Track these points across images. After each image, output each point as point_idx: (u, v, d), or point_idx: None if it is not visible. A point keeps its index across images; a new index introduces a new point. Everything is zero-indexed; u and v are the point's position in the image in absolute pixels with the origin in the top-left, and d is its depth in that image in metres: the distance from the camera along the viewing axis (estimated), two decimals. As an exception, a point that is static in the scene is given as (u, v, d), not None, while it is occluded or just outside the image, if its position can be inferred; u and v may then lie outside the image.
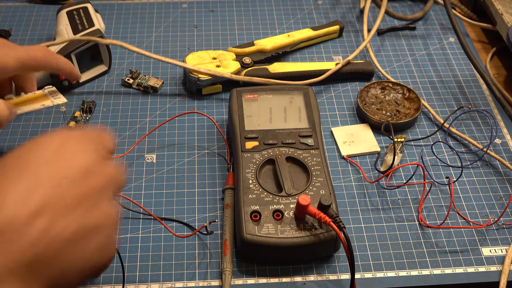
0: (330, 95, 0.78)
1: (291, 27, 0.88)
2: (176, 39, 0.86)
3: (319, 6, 0.93)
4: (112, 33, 0.86)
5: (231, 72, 0.76)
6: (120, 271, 0.58)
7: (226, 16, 0.90)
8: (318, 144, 0.66)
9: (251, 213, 0.59)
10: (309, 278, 0.59)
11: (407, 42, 0.87)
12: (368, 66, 0.80)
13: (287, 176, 0.62)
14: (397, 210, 0.65)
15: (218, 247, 0.61)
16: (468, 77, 0.81)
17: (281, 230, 0.58)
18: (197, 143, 0.71)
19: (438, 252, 0.61)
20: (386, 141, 0.72)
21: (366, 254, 0.61)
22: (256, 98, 0.71)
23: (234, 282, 0.58)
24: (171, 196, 0.66)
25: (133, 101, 0.76)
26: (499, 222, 0.64)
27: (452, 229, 0.63)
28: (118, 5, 0.91)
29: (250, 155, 0.64)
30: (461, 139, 0.73)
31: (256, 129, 0.67)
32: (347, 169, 0.69)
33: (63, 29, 0.77)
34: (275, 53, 0.81)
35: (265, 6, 0.92)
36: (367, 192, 0.67)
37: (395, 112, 0.74)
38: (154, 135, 0.72)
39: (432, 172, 0.69)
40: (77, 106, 0.75)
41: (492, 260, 0.61)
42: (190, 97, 0.77)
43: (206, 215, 0.64)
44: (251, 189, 0.61)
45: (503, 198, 0.67)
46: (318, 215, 0.57)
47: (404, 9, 0.93)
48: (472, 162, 0.70)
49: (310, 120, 0.68)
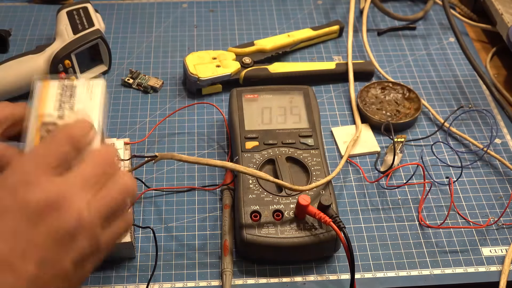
0: (330, 95, 0.78)
1: (291, 27, 0.88)
2: (176, 39, 0.86)
3: (319, 6, 0.93)
4: (112, 33, 0.86)
5: (231, 72, 0.76)
6: (120, 271, 0.59)
7: (226, 16, 0.90)
8: (318, 144, 0.66)
9: (251, 213, 0.59)
10: (309, 278, 0.59)
11: (407, 42, 0.87)
12: (368, 66, 0.80)
13: (287, 176, 0.62)
14: (397, 210, 0.65)
15: (218, 247, 0.61)
16: (468, 77, 0.81)
17: (281, 230, 0.58)
18: (197, 143, 0.72)
19: (438, 252, 0.61)
20: (386, 141, 0.72)
21: (366, 254, 0.61)
22: (256, 98, 0.71)
23: (234, 282, 0.58)
24: (171, 196, 0.66)
25: (133, 101, 0.76)
26: (499, 222, 0.64)
27: (452, 229, 0.63)
28: (118, 5, 0.91)
29: (250, 155, 0.64)
30: (461, 139, 0.73)
31: (256, 129, 0.67)
32: (347, 169, 0.69)
33: (63, 29, 0.77)
34: (275, 53, 0.81)
35: (265, 6, 0.92)
36: (367, 192, 0.67)
37: (395, 112, 0.74)
38: (154, 135, 0.72)
39: (432, 172, 0.69)
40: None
41: (492, 260, 0.61)
42: (190, 97, 0.77)
43: (206, 215, 0.64)
44: (251, 189, 0.61)
45: (503, 198, 0.67)
46: (318, 215, 0.57)
47: (404, 9, 0.93)
48: (472, 162, 0.70)
49: (310, 120, 0.68)
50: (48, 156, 0.45)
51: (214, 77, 0.76)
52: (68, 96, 0.57)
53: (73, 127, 0.47)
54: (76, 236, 0.42)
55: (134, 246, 0.59)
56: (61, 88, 0.58)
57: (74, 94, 0.58)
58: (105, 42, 0.78)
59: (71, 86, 0.58)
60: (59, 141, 0.46)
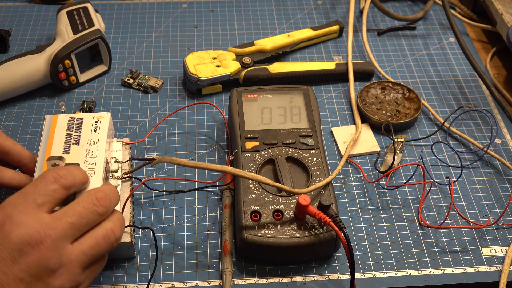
0: (330, 95, 0.78)
1: (291, 27, 0.88)
2: (176, 39, 0.86)
3: (319, 6, 0.93)
4: (112, 33, 0.86)
5: (231, 72, 0.76)
6: (120, 271, 0.59)
7: (226, 16, 0.90)
8: (318, 144, 0.66)
9: (251, 213, 0.59)
10: (309, 278, 0.59)
11: (407, 42, 0.87)
12: (368, 66, 0.80)
13: (287, 176, 0.62)
14: (397, 210, 0.65)
15: (218, 247, 0.61)
16: (468, 77, 0.81)
17: (281, 230, 0.58)
18: (197, 143, 0.72)
19: (438, 252, 0.61)
20: (386, 141, 0.72)
21: (366, 254, 0.61)
22: (256, 98, 0.71)
23: (234, 282, 0.58)
24: (171, 197, 0.66)
25: (133, 101, 0.76)
26: (499, 222, 0.64)
27: (452, 229, 0.63)
28: (118, 5, 0.91)
29: (250, 155, 0.64)
30: (461, 139, 0.73)
31: (256, 129, 0.67)
32: (347, 169, 0.69)
33: (63, 29, 0.77)
34: (275, 53, 0.81)
35: (265, 6, 0.92)
36: (367, 192, 0.67)
37: (395, 112, 0.74)
38: (154, 135, 0.72)
39: (432, 172, 0.69)
40: (77, 106, 0.75)
41: (492, 260, 0.61)
42: (190, 97, 0.77)
43: (206, 215, 0.64)
44: (251, 189, 0.61)
45: (503, 198, 0.67)
46: (318, 215, 0.57)
47: (404, 9, 0.93)
48: (472, 162, 0.70)
49: (310, 120, 0.68)
50: (35, 193, 0.45)
51: (214, 77, 0.76)
52: (74, 130, 0.60)
53: (61, 168, 0.49)
54: (56, 274, 0.43)
55: (134, 246, 0.59)
56: (68, 122, 0.61)
57: (80, 128, 0.61)
58: (105, 42, 0.78)
59: (78, 120, 0.61)
60: (47, 180, 0.47)
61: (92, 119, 0.62)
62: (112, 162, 0.63)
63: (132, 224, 0.60)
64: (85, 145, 0.60)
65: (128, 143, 0.67)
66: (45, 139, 0.60)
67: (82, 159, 0.58)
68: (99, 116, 0.63)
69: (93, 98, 0.76)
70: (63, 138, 0.60)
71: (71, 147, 0.59)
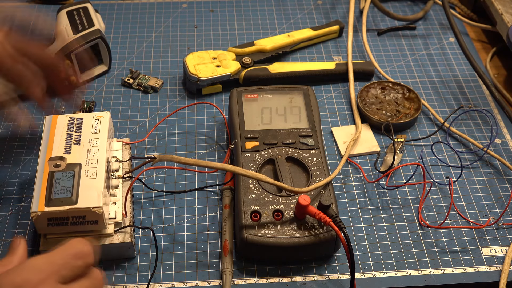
0: (330, 95, 0.78)
1: (291, 27, 0.88)
2: (176, 39, 0.86)
3: (319, 6, 0.93)
4: (112, 33, 0.86)
5: (231, 72, 0.76)
6: (120, 271, 0.59)
7: (226, 16, 0.90)
8: (318, 144, 0.66)
9: (251, 213, 0.59)
10: (309, 278, 0.59)
11: (407, 42, 0.87)
12: (368, 66, 0.80)
13: (287, 176, 0.62)
14: (397, 210, 0.65)
15: (218, 247, 0.61)
16: (468, 77, 0.81)
17: (281, 230, 0.58)
18: (197, 143, 0.72)
19: (438, 252, 0.61)
20: (386, 141, 0.72)
21: (366, 254, 0.61)
22: (256, 98, 0.71)
23: (234, 282, 0.58)
24: (171, 197, 0.66)
25: (133, 101, 0.76)
26: (499, 222, 0.64)
27: (452, 229, 0.63)
28: (118, 5, 0.91)
29: (250, 155, 0.64)
30: (461, 139, 0.73)
31: (256, 129, 0.67)
32: (347, 169, 0.69)
33: (63, 29, 0.77)
34: (275, 53, 0.81)
35: (265, 6, 0.92)
36: (367, 192, 0.67)
37: (395, 112, 0.74)
38: (154, 135, 0.72)
39: (432, 172, 0.69)
40: (77, 106, 0.75)
41: (492, 260, 0.61)
42: (190, 97, 0.77)
43: (206, 215, 0.64)
44: (251, 189, 0.61)
45: (503, 198, 0.67)
46: (318, 215, 0.57)
47: (404, 9, 0.93)
48: (472, 162, 0.70)
49: (310, 120, 0.68)
50: (60, 266, 0.45)
51: (214, 77, 0.76)
52: (74, 130, 0.61)
53: (87, 244, 0.47)
54: None
55: (134, 246, 0.60)
56: (68, 122, 0.61)
57: (80, 128, 0.61)
58: (105, 42, 0.78)
59: (77, 120, 0.61)
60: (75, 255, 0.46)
61: (92, 118, 0.63)
62: (113, 162, 0.63)
63: (132, 224, 0.60)
64: (86, 144, 0.60)
65: (128, 143, 0.67)
66: (46, 139, 0.60)
67: (84, 158, 0.58)
68: (99, 116, 0.63)
69: (93, 98, 0.76)
70: (64, 138, 0.60)
71: (72, 147, 0.59)
